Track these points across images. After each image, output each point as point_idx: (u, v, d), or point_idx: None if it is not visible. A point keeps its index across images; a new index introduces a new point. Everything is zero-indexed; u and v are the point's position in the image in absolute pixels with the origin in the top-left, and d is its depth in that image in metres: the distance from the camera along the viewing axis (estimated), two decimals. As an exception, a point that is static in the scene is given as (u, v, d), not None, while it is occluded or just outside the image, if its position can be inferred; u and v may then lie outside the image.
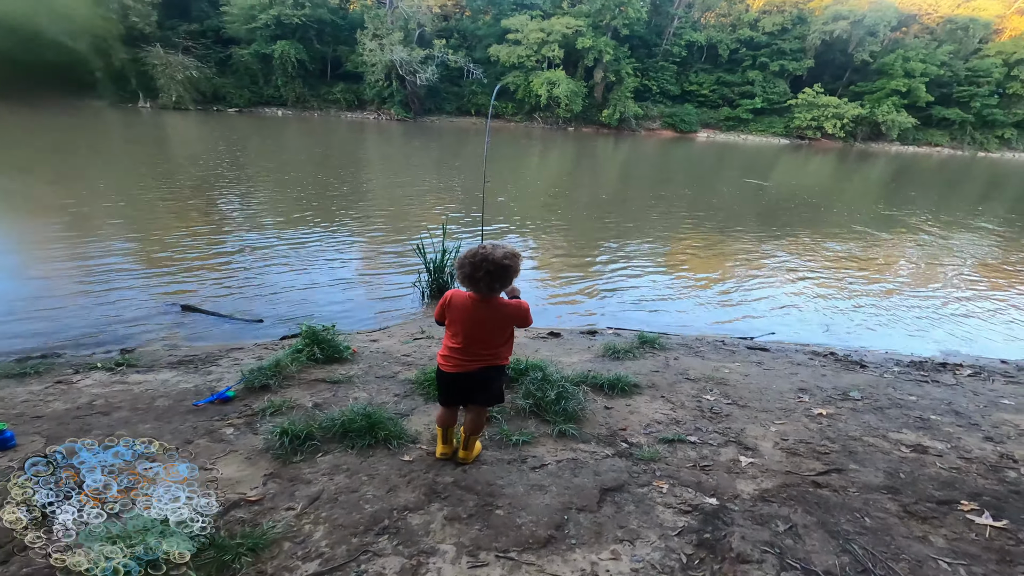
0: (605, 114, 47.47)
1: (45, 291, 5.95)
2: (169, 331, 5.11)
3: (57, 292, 5.96)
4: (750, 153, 37.68)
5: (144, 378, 3.78)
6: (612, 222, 12.07)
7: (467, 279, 2.44)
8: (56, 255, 7.20)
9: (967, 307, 7.87)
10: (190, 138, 24.12)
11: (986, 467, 3.12)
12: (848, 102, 48.13)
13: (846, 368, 4.98)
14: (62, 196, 10.58)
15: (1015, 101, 48.63)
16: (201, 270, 7.05)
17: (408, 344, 4.83)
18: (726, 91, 51.54)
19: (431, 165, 20.15)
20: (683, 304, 7.27)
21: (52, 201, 10.22)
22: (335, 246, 8.68)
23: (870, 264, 9.92)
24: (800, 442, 3.33)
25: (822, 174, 28.41)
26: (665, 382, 4.18)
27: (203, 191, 12.12)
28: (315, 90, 44.91)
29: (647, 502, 2.62)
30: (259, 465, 2.74)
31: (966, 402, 4.16)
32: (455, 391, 2.73)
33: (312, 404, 3.43)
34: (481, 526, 2.38)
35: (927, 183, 26.22)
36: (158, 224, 9.19)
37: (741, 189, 19.29)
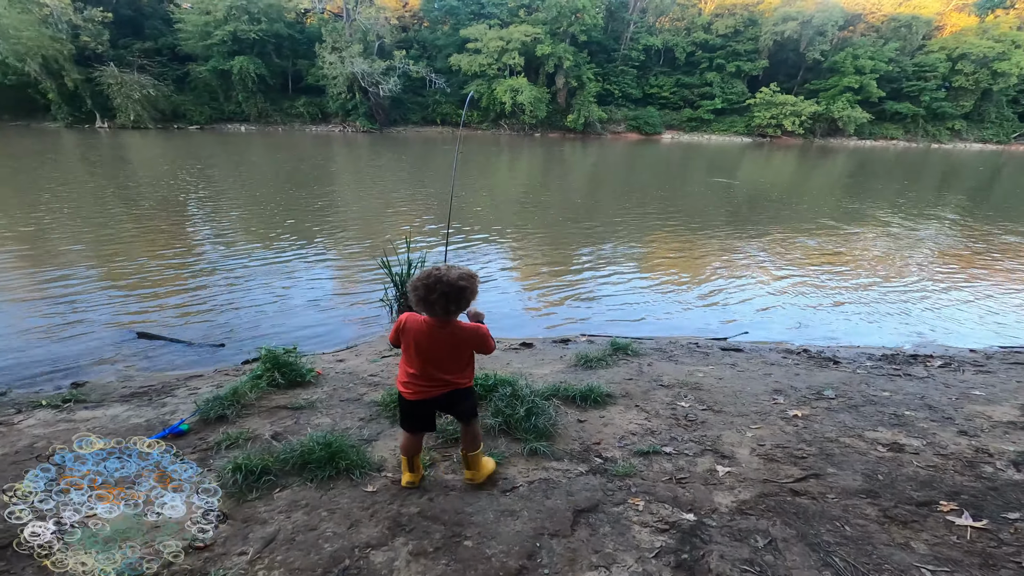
0: (570, 119, 47.93)
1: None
2: (125, 361, 4.87)
3: (6, 325, 5.66)
4: (714, 152, 38.22)
5: (93, 414, 3.56)
6: (584, 227, 12.04)
7: (421, 302, 2.33)
8: (9, 285, 6.87)
9: (935, 297, 7.99)
10: (151, 157, 23.50)
11: (963, 463, 3.09)
12: (804, 100, 49.29)
13: (819, 365, 4.96)
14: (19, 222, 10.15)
15: (961, 94, 50.28)
16: (162, 294, 6.79)
17: (375, 363, 4.67)
18: (686, 93, 52.47)
19: (400, 176, 19.92)
20: (656, 307, 7.23)
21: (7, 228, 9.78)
22: (302, 263, 8.46)
23: (838, 258, 10.04)
24: (777, 447, 3.26)
25: (786, 170, 28.90)
26: (639, 390, 4.09)
27: (165, 212, 11.76)
28: (277, 104, 44.52)
29: (623, 522, 2.52)
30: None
31: (939, 395, 4.15)
32: (418, 417, 2.61)
33: (271, 434, 3.25)
34: (448, 560, 2.25)
35: (887, 176, 26.84)
36: (118, 248, 8.85)
37: (709, 188, 19.50)
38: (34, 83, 36.25)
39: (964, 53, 47.74)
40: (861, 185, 21.96)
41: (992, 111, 51.80)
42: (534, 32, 44.86)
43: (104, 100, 37.69)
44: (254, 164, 21.48)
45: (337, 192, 15.84)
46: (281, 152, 27.28)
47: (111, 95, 37.37)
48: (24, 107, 37.75)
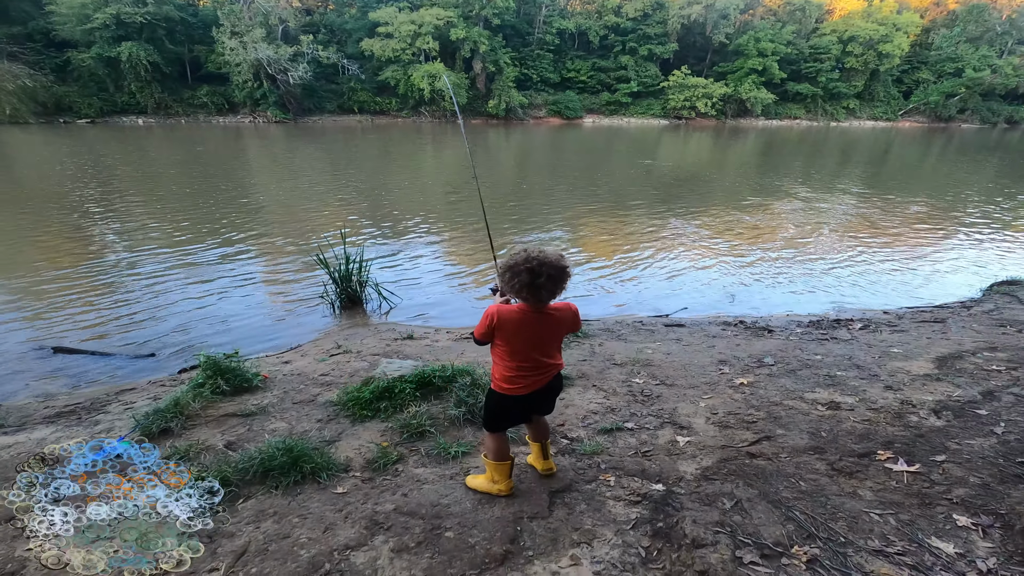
0: (491, 105, 47.64)
1: None
2: (41, 379, 4.46)
3: None
4: (634, 135, 39.33)
5: (14, 439, 3.25)
6: (515, 213, 12.09)
7: (526, 287, 2.17)
8: None
9: (848, 263, 8.65)
10: (37, 157, 21.36)
11: (892, 415, 3.37)
12: (714, 82, 51.57)
13: (756, 335, 5.26)
14: None
15: (853, 74, 54.07)
16: (73, 306, 6.24)
17: (324, 362, 4.53)
18: (603, 76, 53.38)
19: (321, 168, 19.19)
20: (596, 287, 7.39)
21: None
22: (230, 264, 8.01)
23: (759, 231, 10.63)
24: (729, 414, 3.44)
25: (703, 150, 30.20)
26: (594, 370, 4.19)
27: (62, 215, 10.78)
28: (177, 95, 41.27)
29: (597, 498, 2.58)
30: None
31: (863, 355, 4.51)
32: (525, 410, 2.51)
33: (225, 443, 3.09)
34: (432, 553, 2.23)
35: (793, 152, 28.68)
36: (16, 259, 8.04)
37: (634, 170, 20.07)
38: None
39: (853, 36, 51.32)
40: (772, 162, 23.34)
41: (880, 90, 55.95)
42: (446, 15, 44.00)
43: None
44: (157, 161, 20.03)
45: (254, 188, 15.02)
46: (187, 147, 25.52)
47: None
48: None
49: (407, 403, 3.45)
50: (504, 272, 2.23)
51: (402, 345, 4.95)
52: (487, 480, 2.61)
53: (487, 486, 2.60)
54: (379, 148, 26.70)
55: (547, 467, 2.72)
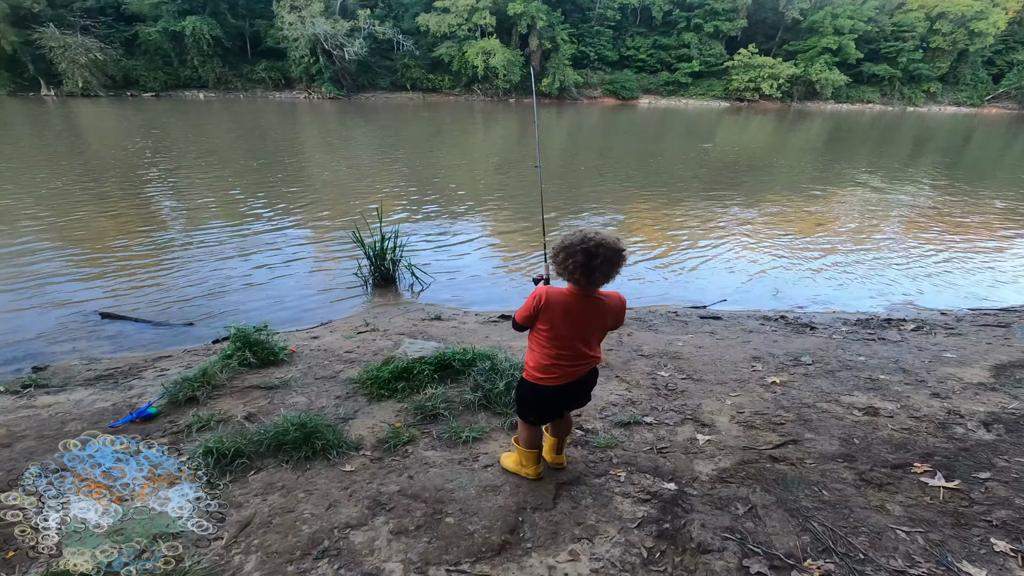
0: (545, 83, 46.82)
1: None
2: (88, 343, 4.69)
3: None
4: (692, 117, 38.09)
5: (55, 399, 3.43)
6: (562, 196, 11.92)
7: (580, 269, 2.07)
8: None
9: (909, 260, 8.12)
10: (104, 128, 22.43)
11: (935, 425, 3.15)
12: (783, 62, 48.93)
13: (796, 332, 5.01)
14: None
15: (938, 55, 50.20)
16: (125, 273, 6.54)
17: (351, 339, 4.58)
18: (663, 55, 51.37)
19: (372, 145, 19.42)
20: (635, 276, 7.20)
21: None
22: (273, 238, 8.21)
23: (815, 223, 10.12)
24: (756, 414, 3.29)
25: (764, 135, 28.96)
26: (619, 360, 4.08)
27: (125, 187, 11.29)
28: (237, 69, 42.39)
29: (605, 493, 2.51)
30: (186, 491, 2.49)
31: (912, 358, 4.22)
32: (558, 403, 2.42)
33: (244, 415, 3.16)
34: (430, 538, 2.21)
35: (862, 139, 27.13)
36: (78, 226, 8.46)
37: (689, 154, 19.43)
38: None
39: (943, 12, 47.55)
40: (838, 149, 22.13)
41: (967, 72, 51.97)
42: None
43: (47, 65, 35.40)
44: (217, 134, 20.73)
45: (307, 164, 15.36)
46: (245, 121, 26.34)
47: (54, 59, 35.06)
48: None
49: (424, 385, 3.44)
50: (558, 252, 2.13)
51: (428, 326, 4.96)
52: (516, 463, 2.61)
53: (517, 468, 2.61)
54: (430, 126, 26.83)
55: (558, 461, 2.67)
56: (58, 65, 35.40)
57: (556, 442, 2.62)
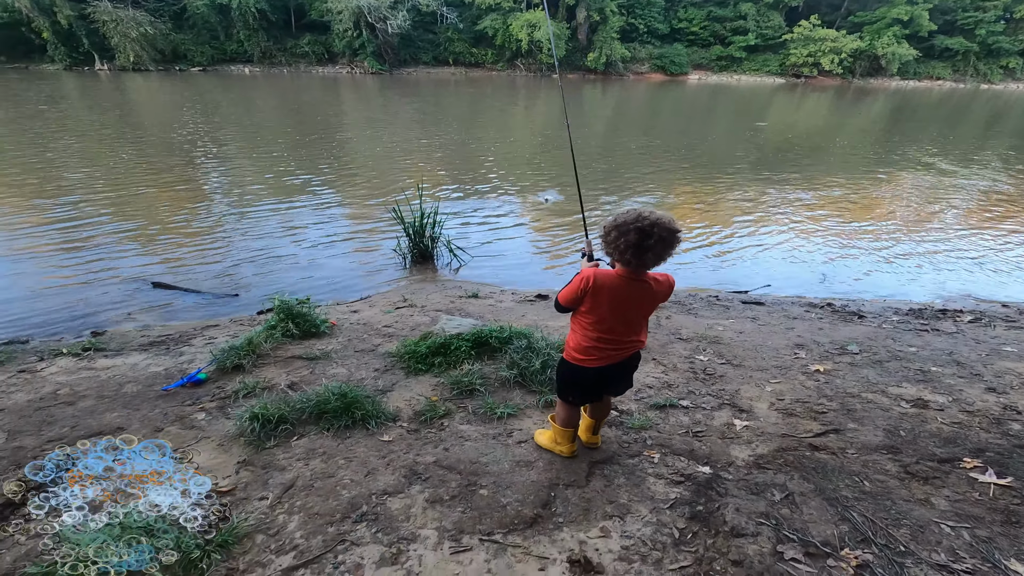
0: (591, 58, 45.41)
1: (10, 272, 5.72)
2: (141, 310, 4.91)
3: (23, 273, 5.73)
4: (744, 94, 36.78)
5: (112, 363, 3.61)
6: (605, 175, 11.74)
7: (632, 249, 2.00)
8: (21, 233, 6.92)
9: (970, 249, 7.71)
10: (156, 102, 23.09)
11: (989, 420, 3.02)
12: (846, 35, 46.08)
13: (844, 320, 4.86)
14: (30, 171, 10.16)
15: (1022, 26, 46.12)
16: (175, 244, 6.79)
17: (389, 314, 4.66)
18: (717, 27, 48.90)
19: (413, 121, 19.47)
20: (678, 258, 7.06)
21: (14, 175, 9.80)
22: (316, 212, 8.38)
23: (869, 207, 9.70)
24: (797, 401, 3.21)
25: (820, 113, 27.75)
26: (656, 343, 4.04)
27: (175, 159, 11.67)
28: (281, 43, 42.67)
29: (638, 473, 2.51)
30: (232, 452, 2.61)
31: (968, 351, 4.04)
32: (598, 387, 2.40)
33: (288, 383, 3.27)
34: (464, 508, 2.26)
35: (929, 118, 25.70)
36: (130, 196, 8.80)
37: (739, 133, 18.84)
38: (27, 21, 35.02)
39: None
40: (902, 129, 21.09)
41: (1054, 45, 47.78)
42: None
43: (101, 40, 36.40)
44: (262, 109, 21.15)
45: (350, 140, 15.54)
46: (289, 96, 26.77)
47: (107, 34, 35.99)
48: (21, 48, 36.62)
49: (461, 360, 3.49)
50: (610, 231, 2.05)
51: (465, 303, 5.00)
52: (551, 440, 2.63)
53: (551, 444, 2.63)
54: (472, 102, 26.74)
55: (593, 442, 2.67)
56: (111, 39, 36.34)
57: (593, 423, 2.62)
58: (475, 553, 2.05)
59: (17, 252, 6.30)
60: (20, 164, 10.70)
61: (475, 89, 34.19)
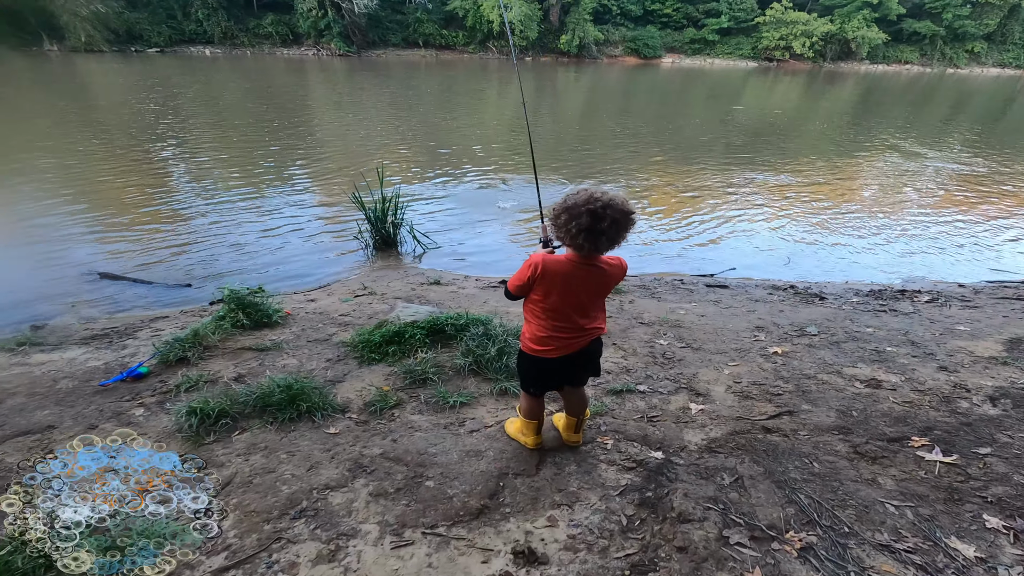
0: (564, 40, 44.96)
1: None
2: (86, 302, 4.70)
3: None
4: (717, 78, 36.90)
5: (49, 357, 3.45)
6: (576, 160, 11.66)
7: (584, 232, 1.89)
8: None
9: (931, 229, 7.84)
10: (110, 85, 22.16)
11: (939, 399, 3.05)
12: (818, 18, 46.60)
13: (805, 302, 4.89)
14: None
15: (987, 10, 47.06)
16: (128, 233, 6.53)
17: (348, 302, 4.55)
18: (690, 9, 48.85)
19: (381, 105, 19.05)
20: (646, 241, 7.05)
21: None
22: (281, 199, 8.12)
23: (838, 190, 9.80)
24: (753, 384, 3.21)
25: (791, 97, 28.00)
26: (617, 328, 4.00)
27: (129, 146, 11.21)
28: (243, 23, 40.92)
29: (590, 460, 2.46)
30: (169, 449, 2.48)
31: (923, 331, 4.09)
32: (557, 376, 2.31)
33: (234, 376, 3.15)
34: (409, 500, 2.19)
35: (896, 102, 26.11)
36: (82, 183, 8.42)
37: (709, 117, 18.89)
38: None
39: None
40: (870, 113, 21.32)
41: (1016, 30, 49.06)
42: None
43: (48, 17, 34.28)
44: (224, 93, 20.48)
45: (315, 124, 15.12)
46: (252, 79, 25.96)
47: (55, 11, 33.94)
48: None
49: (416, 349, 3.41)
50: (560, 213, 1.94)
51: (427, 290, 4.91)
52: (519, 430, 2.56)
53: (517, 435, 2.57)
54: (442, 85, 26.30)
55: (574, 440, 2.55)
56: (59, 17, 34.27)
57: (574, 421, 2.49)
58: (417, 547, 1.98)
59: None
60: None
61: (446, 71, 33.64)
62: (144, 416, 2.75)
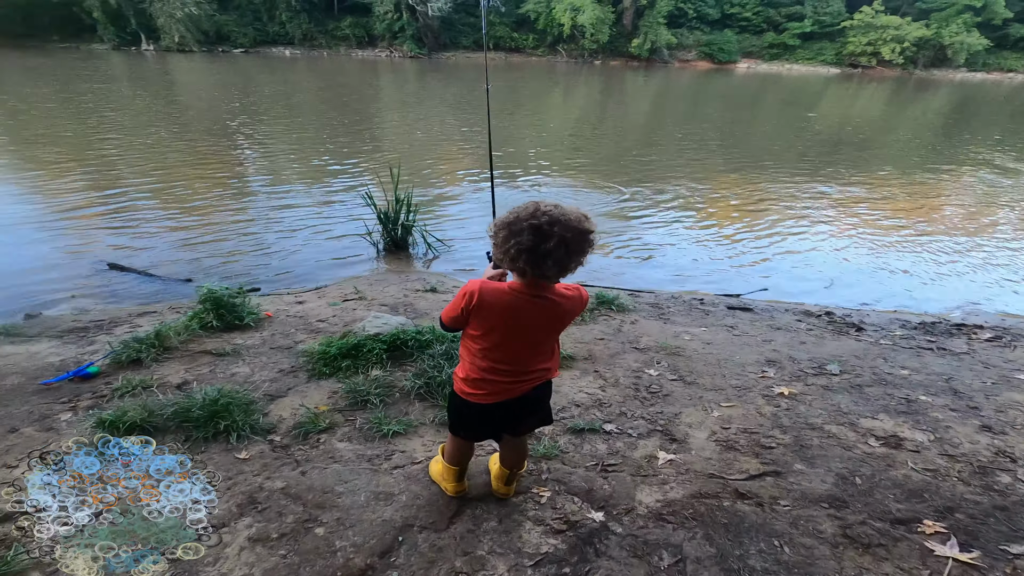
0: (635, 44, 44.19)
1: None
2: (87, 292, 4.75)
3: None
4: (794, 85, 34.90)
5: (15, 350, 3.42)
6: (633, 165, 11.14)
7: (526, 254, 1.54)
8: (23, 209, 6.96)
9: (1015, 257, 6.86)
10: (198, 83, 23.44)
11: (972, 469, 2.49)
12: (912, 22, 43.25)
13: (838, 332, 4.29)
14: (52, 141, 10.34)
15: None
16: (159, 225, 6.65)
17: (335, 307, 4.36)
18: (771, 13, 46.62)
19: (445, 106, 19.11)
20: (687, 254, 6.55)
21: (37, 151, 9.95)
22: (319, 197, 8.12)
23: (916, 208, 8.82)
24: (743, 432, 2.75)
25: (876, 106, 25.97)
26: (606, 353, 3.60)
27: (195, 140, 11.68)
28: (322, 26, 42.83)
29: (515, 517, 2.12)
30: (69, 463, 2.34)
31: (971, 377, 3.46)
32: (492, 423, 1.97)
33: (180, 382, 3.00)
34: (288, 551, 1.92)
35: (995, 113, 23.71)
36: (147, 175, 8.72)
37: (786, 125, 17.77)
38: (79, 0, 36.07)
39: None
40: (964, 125, 19.42)
41: None
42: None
43: (147, 20, 37.23)
44: (296, 91, 21.16)
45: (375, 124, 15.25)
46: (324, 79, 26.79)
47: (154, 14, 36.77)
48: (72, 27, 37.53)
49: (372, 365, 3.15)
50: (499, 230, 1.60)
51: (419, 298, 4.65)
52: (440, 474, 2.23)
53: (439, 479, 2.24)
54: (507, 87, 26.15)
55: (504, 492, 2.19)
56: (156, 20, 37.13)
57: (506, 474, 2.14)
58: (278, 611, 1.71)
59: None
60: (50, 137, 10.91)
61: (513, 74, 33.59)
62: (68, 422, 2.62)
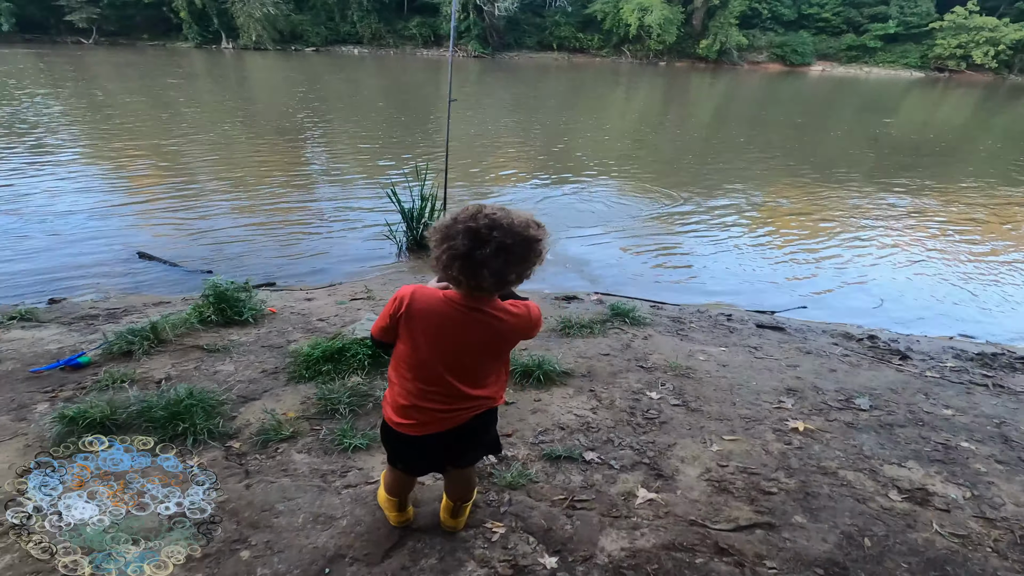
0: (703, 45, 42.77)
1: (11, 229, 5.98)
2: (112, 280, 4.88)
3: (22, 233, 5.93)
4: (873, 89, 32.76)
5: (23, 335, 3.51)
6: (693, 171, 10.72)
7: (460, 260, 1.36)
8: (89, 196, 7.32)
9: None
10: (270, 80, 24.41)
11: (1014, 537, 2.11)
12: (1010, 23, 39.94)
13: (878, 360, 3.85)
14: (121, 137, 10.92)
15: None
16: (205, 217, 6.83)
17: (341, 305, 4.28)
18: (853, 13, 43.93)
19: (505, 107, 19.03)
20: (730, 265, 6.15)
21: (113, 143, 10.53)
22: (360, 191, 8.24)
23: (998, 224, 8.03)
24: (743, 471, 2.45)
25: (962, 113, 24.03)
26: (607, 370, 3.34)
27: (259, 134, 12.10)
28: (391, 25, 43.73)
29: (459, 555, 1.93)
30: (27, 458, 2.32)
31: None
32: (429, 457, 1.79)
33: (163, 378, 2.98)
34: (204, 575, 1.81)
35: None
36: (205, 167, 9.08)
37: (861, 132, 16.66)
38: (166, 1, 38.38)
39: None
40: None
41: None
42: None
43: (228, 20, 39.14)
44: (361, 89, 21.69)
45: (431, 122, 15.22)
46: (389, 77, 27.35)
47: (234, 14, 38.58)
48: (161, 26, 39.99)
49: (354, 370, 3.02)
50: (434, 232, 1.42)
51: (426, 300, 4.51)
52: (383, 501, 2.07)
53: (383, 505, 2.06)
54: (569, 87, 25.95)
55: (451, 525, 2.00)
56: (236, 19, 39.02)
57: (452, 506, 1.97)
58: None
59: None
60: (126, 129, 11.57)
61: (576, 74, 33.38)
62: (42, 413, 2.62)
